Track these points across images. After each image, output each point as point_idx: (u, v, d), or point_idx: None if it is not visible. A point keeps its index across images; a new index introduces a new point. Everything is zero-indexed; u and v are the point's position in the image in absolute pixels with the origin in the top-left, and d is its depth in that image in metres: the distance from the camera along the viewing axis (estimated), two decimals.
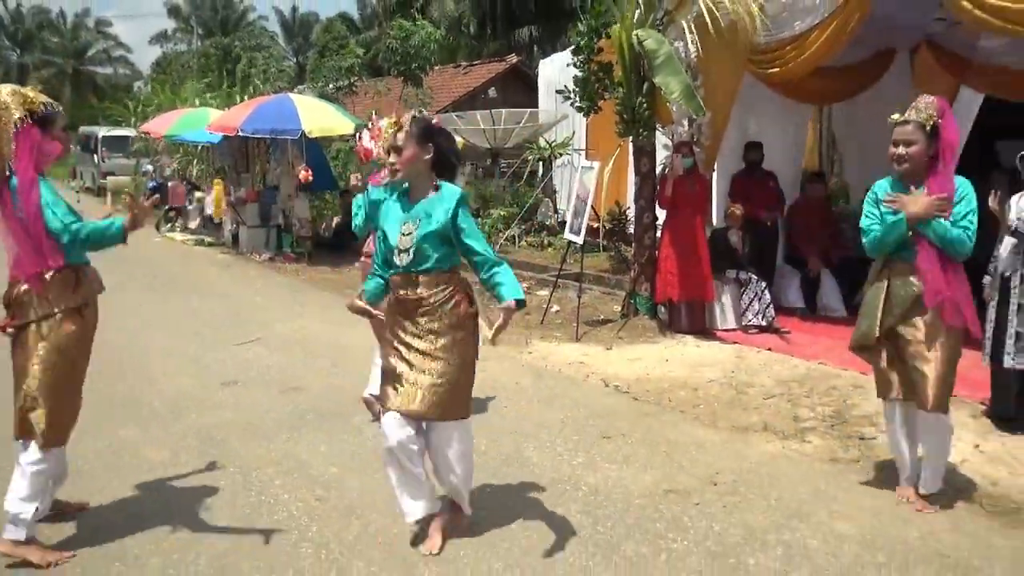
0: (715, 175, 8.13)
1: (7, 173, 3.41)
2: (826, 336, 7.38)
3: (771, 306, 7.66)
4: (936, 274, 3.81)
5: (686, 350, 7.15)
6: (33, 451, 3.47)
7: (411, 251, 3.44)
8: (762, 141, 8.33)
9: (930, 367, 3.86)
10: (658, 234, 7.80)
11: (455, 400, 3.51)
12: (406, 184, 3.59)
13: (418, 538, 3.66)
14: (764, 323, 7.57)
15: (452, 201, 3.45)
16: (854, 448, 4.87)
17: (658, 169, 7.88)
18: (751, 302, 7.65)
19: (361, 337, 6.00)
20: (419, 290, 3.46)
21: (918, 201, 3.79)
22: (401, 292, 3.50)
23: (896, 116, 3.92)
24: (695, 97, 6.91)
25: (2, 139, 3.40)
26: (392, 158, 3.52)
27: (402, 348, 3.50)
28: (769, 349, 7.04)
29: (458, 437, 3.60)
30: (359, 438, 5.06)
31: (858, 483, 4.38)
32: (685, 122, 7.61)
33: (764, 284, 7.75)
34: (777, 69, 7.13)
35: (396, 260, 3.49)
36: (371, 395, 5.37)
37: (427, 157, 3.46)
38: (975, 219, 3.83)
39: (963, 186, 3.87)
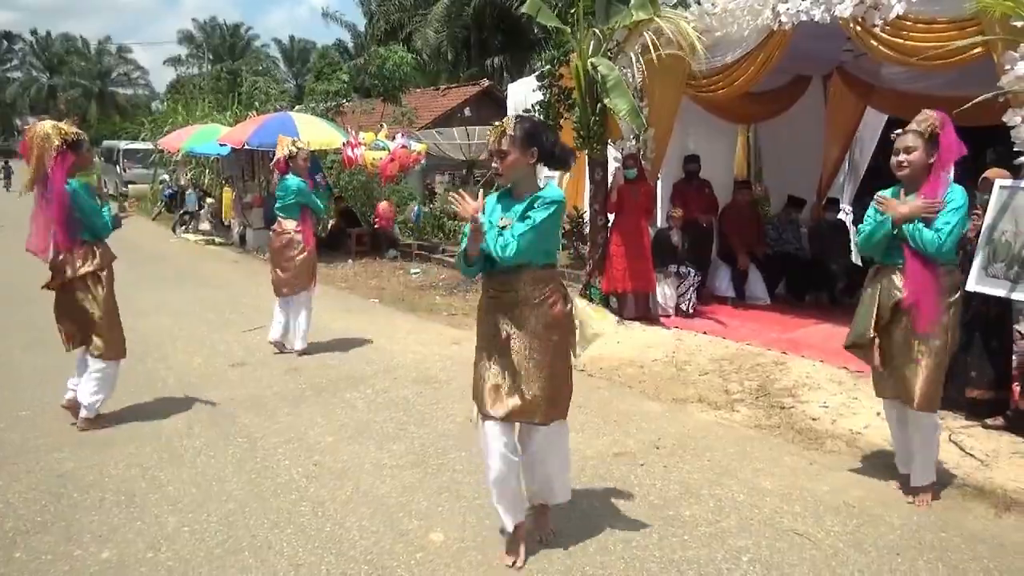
0: (659, 183, 8.17)
1: (45, 183, 4.30)
2: (752, 321, 7.46)
3: (698, 293, 7.75)
4: (916, 279, 3.48)
5: (633, 334, 7.17)
6: (99, 363, 4.59)
7: None
8: (699, 154, 8.38)
9: (916, 368, 3.54)
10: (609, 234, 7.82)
11: (556, 402, 3.05)
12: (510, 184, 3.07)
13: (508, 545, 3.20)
14: (700, 309, 7.63)
15: (536, 200, 2.93)
16: (775, 416, 4.93)
17: (609, 178, 7.90)
18: (689, 292, 7.71)
19: (351, 323, 5.96)
20: (516, 287, 2.98)
21: (905, 204, 3.52)
22: (496, 289, 3.03)
23: (898, 131, 3.59)
24: (640, 115, 6.96)
25: (45, 159, 4.28)
26: (495, 163, 2.98)
27: (497, 351, 3.01)
28: (704, 332, 7.09)
29: (559, 438, 3.17)
30: (351, 411, 5.04)
31: (778, 445, 4.45)
32: (632, 138, 7.63)
33: (700, 276, 7.81)
34: (711, 93, 7.19)
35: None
36: (273, 340, 6.52)
37: (530, 161, 2.97)
38: (956, 225, 3.43)
39: (954, 193, 3.48)
